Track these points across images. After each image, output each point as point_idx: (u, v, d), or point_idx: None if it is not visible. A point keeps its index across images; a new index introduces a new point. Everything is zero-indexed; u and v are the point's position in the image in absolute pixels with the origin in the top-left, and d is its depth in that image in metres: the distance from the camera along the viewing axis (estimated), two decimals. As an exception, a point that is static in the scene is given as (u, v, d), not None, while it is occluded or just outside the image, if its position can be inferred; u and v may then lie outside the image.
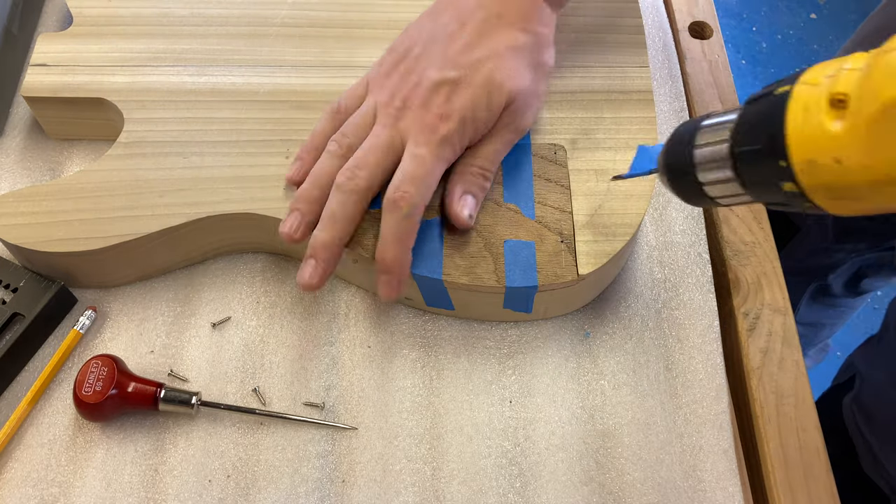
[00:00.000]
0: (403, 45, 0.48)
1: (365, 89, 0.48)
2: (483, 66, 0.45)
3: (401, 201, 0.42)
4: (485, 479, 0.43)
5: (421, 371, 0.46)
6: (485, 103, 0.44)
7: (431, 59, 0.46)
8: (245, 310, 0.48)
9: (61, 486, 0.42)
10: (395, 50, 0.48)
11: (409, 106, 0.45)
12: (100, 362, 0.43)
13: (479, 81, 0.44)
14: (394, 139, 0.44)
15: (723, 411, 0.45)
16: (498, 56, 0.45)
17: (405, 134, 0.44)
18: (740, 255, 0.51)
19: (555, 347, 0.47)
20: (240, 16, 0.54)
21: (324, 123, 0.47)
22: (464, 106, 0.44)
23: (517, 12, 0.46)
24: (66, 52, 0.51)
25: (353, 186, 0.43)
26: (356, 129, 0.46)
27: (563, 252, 0.45)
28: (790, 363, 0.47)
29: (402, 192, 0.42)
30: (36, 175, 0.52)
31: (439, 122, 0.44)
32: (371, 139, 0.45)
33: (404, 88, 0.45)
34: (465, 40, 0.45)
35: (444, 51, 0.45)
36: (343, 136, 0.46)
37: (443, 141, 0.44)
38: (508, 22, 0.46)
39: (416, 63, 0.46)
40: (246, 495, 0.42)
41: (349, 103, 0.48)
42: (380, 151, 0.44)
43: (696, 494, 0.43)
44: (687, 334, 0.48)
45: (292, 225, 0.44)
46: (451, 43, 0.46)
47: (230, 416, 0.44)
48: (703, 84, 0.58)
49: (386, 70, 0.47)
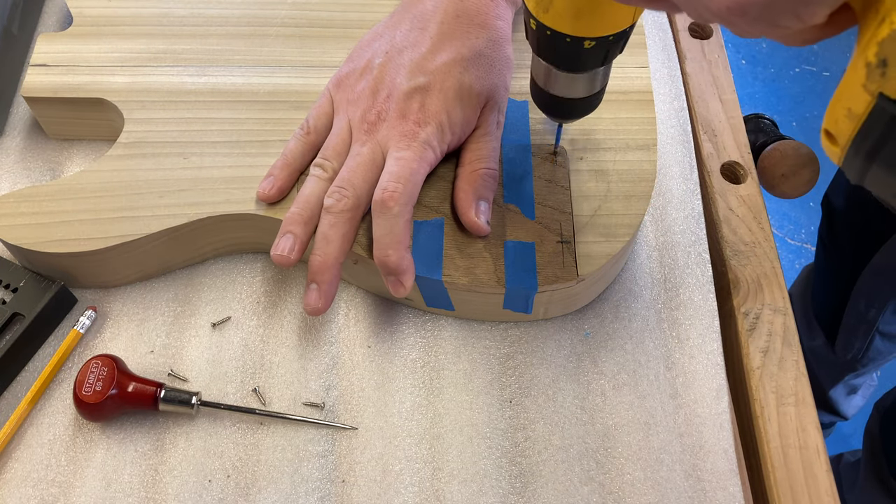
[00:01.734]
0: (363, 56, 0.48)
1: (331, 105, 0.48)
2: (452, 71, 0.45)
3: (389, 200, 0.42)
4: (485, 479, 0.43)
5: (421, 371, 0.46)
6: (459, 106, 0.45)
7: (398, 68, 0.46)
8: (245, 310, 0.48)
9: (61, 486, 0.42)
10: (354, 62, 0.49)
11: (385, 118, 0.45)
12: (100, 362, 0.43)
13: (449, 86, 0.45)
14: (375, 153, 0.45)
15: (723, 411, 0.45)
16: (464, 59, 0.46)
17: (385, 144, 0.45)
18: (740, 255, 0.51)
19: (555, 347, 0.47)
20: (240, 16, 0.54)
21: (295, 143, 0.47)
22: (439, 110, 0.45)
23: (474, 10, 0.47)
24: (66, 52, 0.52)
25: (342, 207, 0.44)
26: (335, 151, 0.46)
27: (563, 253, 0.45)
28: (790, 363, 0.47)
29: (389, 191, 0.42)
30: (36, 175, 0.52)
31: (418, 128, 0.44)
32: (353, 158, 0.45)
33: (377, 102, 0.46)
34: (428, 46, 0.46)
35: (410, 58, 0.46)
36: (325, 161, 0.46)
37: (424, 144, 0.44)
38: (467, 21, 0.47)
39: (382, 74, 0.46)
40: (246, 495, 0.42)
41: (318, 123, 0.48)
42: (364, 169, 0.44)
43: (696, 494, 0.43)
44: (687, 334, 0.48)
45: (285, 247, 0.44)
46: (414, 50, 0.46)
47: (230, 416, 0.44)
48: (703, 84, 0.58)
49: (350, 84, 0.48)
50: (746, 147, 0.55)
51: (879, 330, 0.91)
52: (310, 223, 0.45)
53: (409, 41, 0.47)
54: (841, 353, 0.97)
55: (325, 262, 0.43)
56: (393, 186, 0.43)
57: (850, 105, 0.24)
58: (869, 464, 0.94)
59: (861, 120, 0.23)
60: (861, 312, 0.89)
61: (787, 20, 0.24)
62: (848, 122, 0.24)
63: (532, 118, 0.50)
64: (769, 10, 0.23)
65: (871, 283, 0.84)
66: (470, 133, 0.47)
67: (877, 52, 0.22)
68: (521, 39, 0.52)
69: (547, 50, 0.38)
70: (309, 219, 0.45)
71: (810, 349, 0.99)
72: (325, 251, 0.43)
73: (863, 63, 0.23)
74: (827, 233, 0.92)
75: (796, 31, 0.25)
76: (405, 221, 0.43)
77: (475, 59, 0.46)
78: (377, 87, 0.46)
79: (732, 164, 0.54)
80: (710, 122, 0.56)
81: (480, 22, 0.47)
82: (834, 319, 0.94)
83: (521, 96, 0.51)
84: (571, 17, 0.35)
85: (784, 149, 0.54)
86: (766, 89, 1.71)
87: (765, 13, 0.24)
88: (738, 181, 0.54)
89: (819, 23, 0.24)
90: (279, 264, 0.44)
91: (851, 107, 0.23)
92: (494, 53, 0.47)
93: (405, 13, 0.49)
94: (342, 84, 0.48)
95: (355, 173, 0.44)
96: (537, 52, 0.40)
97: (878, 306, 0.87)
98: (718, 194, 0.53)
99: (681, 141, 0.54)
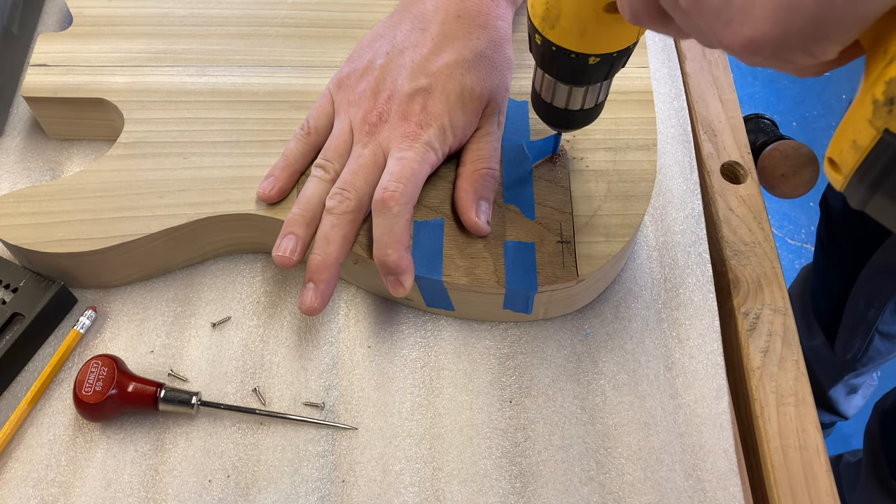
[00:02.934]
0: (364, 57, 0.48)
1: (331, 106, 0.48)
2: (454, 72, 0.45)
3: (389, 200, 0.42)
4: (485, 479, 0.43)
5: (421, 371, 0.46)
6: (460, 109, 0.45)
7: (400, 69, 0.46)
8: (245, 310, 0.48)
9: (61, 486, 0.42)
10: (354, 62, 0.48)
11: (386, 119, 0.45)
12: (100, 362, 0.43)
13: (451, 88, 0.45)
14: (376, 154, 0.45)
15: (723, 411, 0.45)
16: (465, 61, 0.46)
17: (387, 145, 0.45)
18: (740, 255, 0.51)
19: (555, 347, 0.47)
20: (240, 16, 0.54)
21: (295, 143, 0.47)
22: (441, 112, 0.45)
23: (475, 10, 0.47)
24: (66, 52, 0.51)
25: (344, 209, 0.44)
26: (336, 152, 0.46)
27: (563, 253, 0.45)
28: (790, 363, 0.47)
29: (390, 191, 0.42)
30: (36, 175, 0.52)
31: (420, 129, 0.44)
32: (354, 160, 0.45)
33: (378, 103, 0.46)
34: (430, 47, 0.46)
35: (412, 59, 0.46)
36: (327, 161, 0.46)
37: (426, 145, 0.44)
38: (468, 22, 0.47)
39: (383, 75, 0.46)
40: (246, 495, 0.42)
41: (318, 123, 0.48)
42: (366, 171, 0.44)
43: (696, 494, 0.43)
44: (687, 334, 0.48)
45: (287, 248, 0.44)
46: (415, 50, 0.46)
47: (230, 416, 0.44)
48: (703, 84, 0.58)
49: (351, 85, 0.47)
50: (746, 147, 0.55)
51: (879, 330, 0.91)
52: (311, 224, 0.45)
53: (410, 42, 0.47)
54: (840, 352, 0.97)
55: (324, 262, 0.43)
56: (394, 186, 0.43)
57: (855, 137, 0.24)
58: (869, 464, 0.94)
59: (866, 152, 0.24)
60: (860, 312, 0.89)
61: (799, 57, 0.24)
62: (853, 153, 0.25)
63: (532, 118, 0.50)
64: (783, 48, 0.24)
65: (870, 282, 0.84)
66: (471, 134, 0.47)
67: (884, 90, 0.23)
68: (520, 40, 0.52)
69: (551, 64, 0.39)
70: (311, 220, 0.45)
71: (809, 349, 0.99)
72: (325, 251, 0.43)
73: (870, 99, 0.23)
74: (825, 233, 0.92)
75: (807, 65, 0.25)
76: (405, 221, 0.43)
77: (476, 60, 0.46)
78: (378, 88, 0.46)
79: (732, 164, 0.54)
80: (710, 122, 0.56)
81: (481, 23, 0.47)
82: (833, 319, 0.94)
83: (521, 96, 0.51)
84: (577, 34, 0.36)
85: (784, 149, 0.54)
86: (766, 89, 1.71)
87: (778, 51, 0.24)
88: (738, 181, 0.54)
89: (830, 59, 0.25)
90: (281, 265, 0.44)
91: (857, 139, 0.24)
92: (495, 54, 0.47)
93: (405, 13, 0.49)
94: (343, 84, 0.48)
95: (357, 175, 0.44)
96: (541, 66, 0.40)
97: (877, 306, 0.87)
98: (718, 194, 0.53)
99: (681, 141, 0.54)
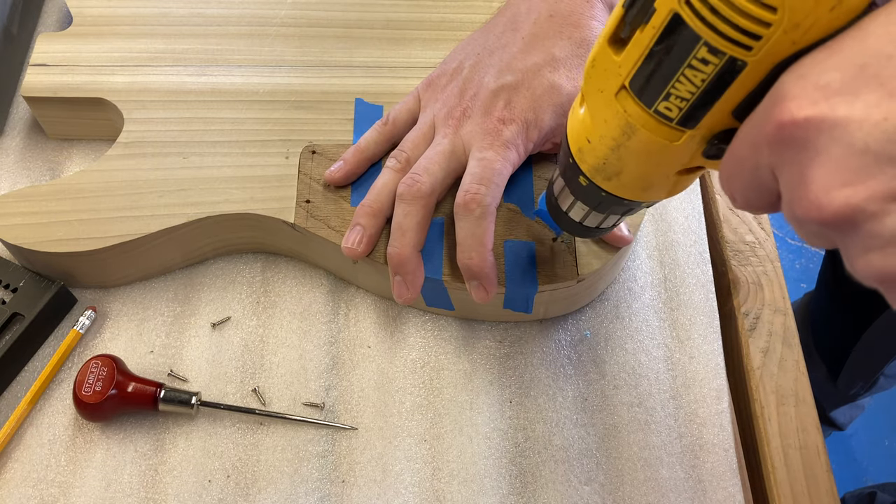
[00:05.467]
0: (455, 60, 0.48)
1: (417, 104, 0.48)
2: (542, 70, 0.44)
3: (471, 203, 0.42)
4: (485, 479, 0.43)
5: (421, 371, 0.46)
6: (549, 107, 0.44)
7: (487, 68, 0.45)
8: (245, 310, 0.48)
9: (61, 486, 0.42)
10: (446, 65, 0.48)
11: (470, 114, 0.44)
12: (100, 362, 0.43)
13: (538, 84, 0.44)
14: (456, 146, 0.44)
15: (723, 411, 0.45)
16: (554, 59, 0.44)
17: (468, 141, 0.44)
18: (740, 255, 0.51)
19: (555, 347, 0.47)
20: (240, 16, 0.54)
21: (371, 133, 0.47)
22: (525, 109, 0.43)
23: (568, 10, 0.45)
24: (66, 52, 0.51)
25: (415, 192, 0.43)
26: (414, 143, 0.46)
27: (563, 253, 0.45)
28: (790, 363, 0.47)
29: (472, 193, 0.42)
30: (36, 175, 0.52)
31: (502, 125, 0.43)
32: (433, 148, 0.44)
33: (463, 99, 0.45)
34: (520, 46, 0.45)
35: (500, 58, 0.45)
36: (401, 152, 0.46)
37: (507, 143, 0.43)
38: (560, 21, 0.45)
39: (472, 74, 0.46)
40: (246, 495, 0.42)
41: (399, 117, 0.48)
42: (442, 157, 0.44)
43: (696, 494, 0.43)
44: (687, 334, 0.48)
45: (354, 239, 0.44)
46: (505, 50, 0.45)
47: (230, 416, 0.44)
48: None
49: (441, 85, 0.47)
50: (746, 147, 0.55)
51: (885, 372, 0.91)
52: (378, 215, 0.44)
53: (501, 43, 0.46)
54: (843, 388, 0.96)
55: (402, 254, 0.43)
56: (475, 189, 0.42)
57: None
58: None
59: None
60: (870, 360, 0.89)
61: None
62: None
63: None
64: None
65: (882, 335, 0.84)
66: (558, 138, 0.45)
67: None
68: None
69: (589, 199, 0.35)
70: (378, 210, 0.44)
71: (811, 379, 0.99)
72: (401, 242, 0.43)
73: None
74: (831, 276, 0.91)
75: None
76: (488, 224, 0.42)
77: (567, 59, 0.45)
78: (465, 87, 0.46)
79: (732, 163, 0.54)
80: (710, 121, 0.56)
81: (574, 21, 0.45)
82: (838, 357, 0.93)
83: None
84: (640, 190, 0.33)
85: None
86: (766, 89, 1.70)
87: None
88: (738, 181, 0.54)
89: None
90: (348, 256, 0.44)
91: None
92: (588, 54, 0.46)
93: (500, 17, 0.48)
94: (432, 84, 0.48)
95: (432, 161, 0.44)
96: (577, 197, 0.36)
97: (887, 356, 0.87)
98: (718, 194, 0.53)
99: (681, 141, 0.54)
